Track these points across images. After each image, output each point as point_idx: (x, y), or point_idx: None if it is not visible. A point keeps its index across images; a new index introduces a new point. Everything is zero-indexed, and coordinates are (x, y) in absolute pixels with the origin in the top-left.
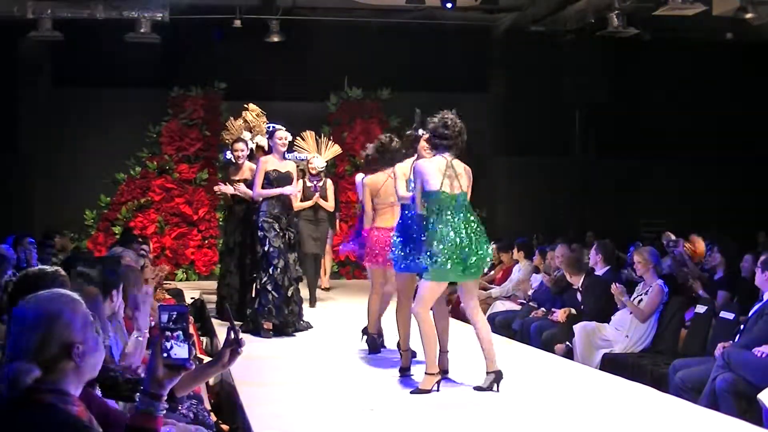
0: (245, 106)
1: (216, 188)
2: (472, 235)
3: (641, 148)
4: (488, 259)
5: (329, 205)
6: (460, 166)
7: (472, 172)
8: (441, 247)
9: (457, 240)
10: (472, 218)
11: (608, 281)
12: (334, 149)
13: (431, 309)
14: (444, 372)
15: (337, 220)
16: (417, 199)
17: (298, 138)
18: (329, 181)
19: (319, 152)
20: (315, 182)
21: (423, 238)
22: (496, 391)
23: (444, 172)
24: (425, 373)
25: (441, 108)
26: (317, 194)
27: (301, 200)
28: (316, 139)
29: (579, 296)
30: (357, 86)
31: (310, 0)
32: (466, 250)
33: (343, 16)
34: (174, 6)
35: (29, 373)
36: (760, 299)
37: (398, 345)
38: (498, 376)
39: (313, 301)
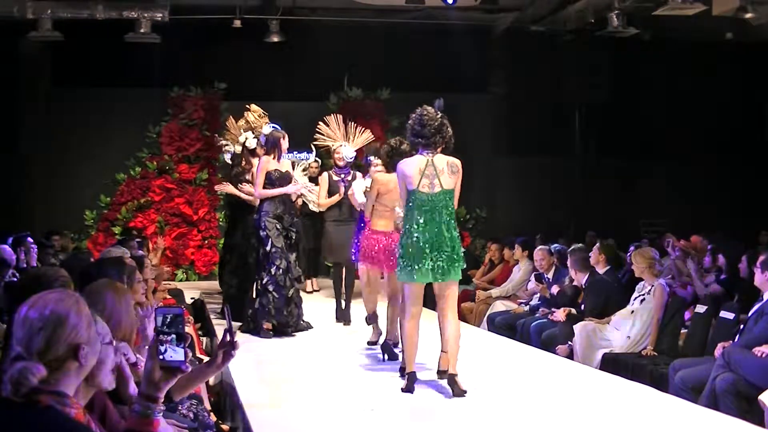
0: (247, 106)
1: (217, 187)
2: (443, 238)
3: (641, 147)
4: (455, 265)
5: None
6: (442, 162)
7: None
8: (404, 247)
9: (421, 242)
10: (450, 221)
11: (609, 281)
12: (366, 136)
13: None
14: (443, 372)
15: None
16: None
17: (320, 124)
18: (359, 174)
19: (347, 140)
20: (343, 175)
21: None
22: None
23: (423, 171)
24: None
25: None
26: (349, 192)
27: (328, 196)
28: (342, 123)
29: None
30: (357, 86)
31: (310, 0)
32: (428, 252)
33: (343, 16)
34: (174, 6)
35: (36, 373)
36: (760, 299)
37: (399, 345)
38: (450, 380)
39: (341, 316)
